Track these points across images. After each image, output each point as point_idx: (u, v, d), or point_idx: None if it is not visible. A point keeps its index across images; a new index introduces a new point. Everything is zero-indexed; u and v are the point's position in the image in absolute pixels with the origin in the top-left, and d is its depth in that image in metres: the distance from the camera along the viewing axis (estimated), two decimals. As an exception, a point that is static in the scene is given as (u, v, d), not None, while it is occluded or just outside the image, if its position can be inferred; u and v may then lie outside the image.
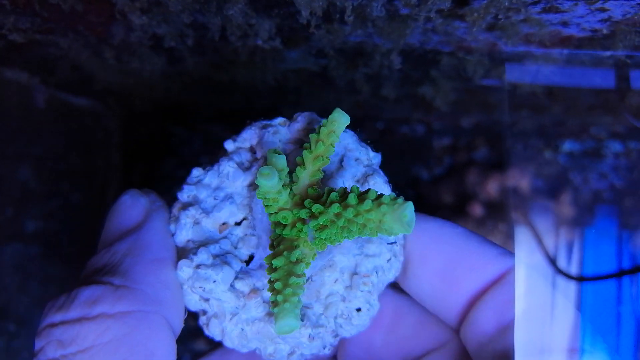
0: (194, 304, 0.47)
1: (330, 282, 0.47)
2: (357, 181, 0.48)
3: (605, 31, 0.61)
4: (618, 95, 0.85)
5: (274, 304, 0.42)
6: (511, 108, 0.99)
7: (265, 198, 0.42)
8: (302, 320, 0.45)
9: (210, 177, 0.50)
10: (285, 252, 0.43)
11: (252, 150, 0.51)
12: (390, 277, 0.48)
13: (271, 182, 0.40)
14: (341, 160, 0.49)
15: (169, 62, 0.83)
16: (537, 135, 1.16)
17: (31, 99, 0.89)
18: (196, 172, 0.50)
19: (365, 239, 0.47)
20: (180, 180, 0.51)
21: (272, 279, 0.42)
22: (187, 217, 0.48)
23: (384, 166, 0.51)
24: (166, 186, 1.25)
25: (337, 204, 0.40)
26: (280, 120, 0.51)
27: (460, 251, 0.46)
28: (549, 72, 0.75)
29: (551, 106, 0.99)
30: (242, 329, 0.46)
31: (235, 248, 0.48)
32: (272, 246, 0.45)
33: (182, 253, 0.47)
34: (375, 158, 0.51)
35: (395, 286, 0.52)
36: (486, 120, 1.14)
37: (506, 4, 0.56)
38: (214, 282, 0.45)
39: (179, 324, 0.44)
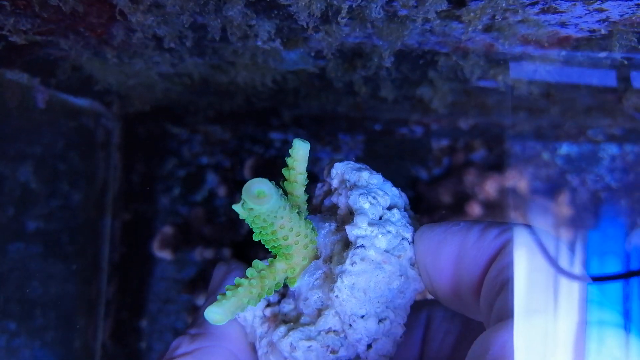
0: (249, 337, 0.51)
1: (325, 300, 0.48)
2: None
3: (603, 31, 0.61)
4: (616, 96, 0.86)
5: None
6: (511, 109, 1.00)
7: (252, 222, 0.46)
8: (289, 331, 0.47)
9: None
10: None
11: None
12: (371, 284, 0.46)
13: (238, 209, 0.44)
14: (337, 187, 0.52)
15: (169, 63, 0.83)
16: (535, 137, 1.16)
17: (32, 99, 0.89)
18: None
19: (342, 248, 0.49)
20: (180, 180, 0.53)
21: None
22: None
23: (383, 167, 0.52)
24: (166, 186, 1.25)
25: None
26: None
27: (462, 248, 0.45)
28: (547, 73, 0.75)
29: (549, 108, 0.99)
30: (266, 352, 0.49)
31: None
32: None
33: None
34: (372, 179, 0.51)
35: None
36: (484, 121, 1.15)
37: (503, 4, 0.56)
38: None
39: (249, 356, 0.52)
